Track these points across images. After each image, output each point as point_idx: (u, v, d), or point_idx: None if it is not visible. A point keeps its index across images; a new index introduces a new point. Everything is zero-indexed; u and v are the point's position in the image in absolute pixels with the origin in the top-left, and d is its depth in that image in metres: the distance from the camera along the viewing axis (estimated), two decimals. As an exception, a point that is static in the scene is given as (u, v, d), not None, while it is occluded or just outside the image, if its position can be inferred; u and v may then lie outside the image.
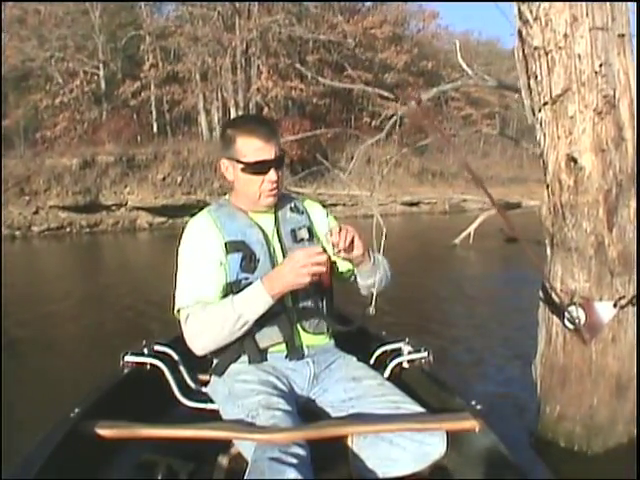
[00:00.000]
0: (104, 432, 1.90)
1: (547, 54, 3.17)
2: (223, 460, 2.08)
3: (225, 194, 2.48)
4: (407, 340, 2.55)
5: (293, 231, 2.34)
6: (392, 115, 13.03)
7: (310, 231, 2.39)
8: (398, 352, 2.53)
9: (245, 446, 1.89)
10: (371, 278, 2.32)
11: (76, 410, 2.02)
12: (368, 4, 42.76)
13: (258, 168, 2.21)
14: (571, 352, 3.26)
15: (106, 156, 28.05)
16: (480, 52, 48.66)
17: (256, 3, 33.56)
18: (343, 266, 2.41)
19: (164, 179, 29.15)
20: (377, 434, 1.95)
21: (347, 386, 2.17)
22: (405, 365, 2.47)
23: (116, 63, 34.47)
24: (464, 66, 11.43)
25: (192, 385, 2.50)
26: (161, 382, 2.41)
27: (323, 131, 17.97)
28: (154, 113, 35.12)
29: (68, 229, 25.97)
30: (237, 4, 33.20)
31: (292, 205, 2.43)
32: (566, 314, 3.17)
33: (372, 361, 2.56)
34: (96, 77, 33.42)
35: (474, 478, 1.96)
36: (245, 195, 2.30)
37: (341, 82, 21.76)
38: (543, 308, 3.46)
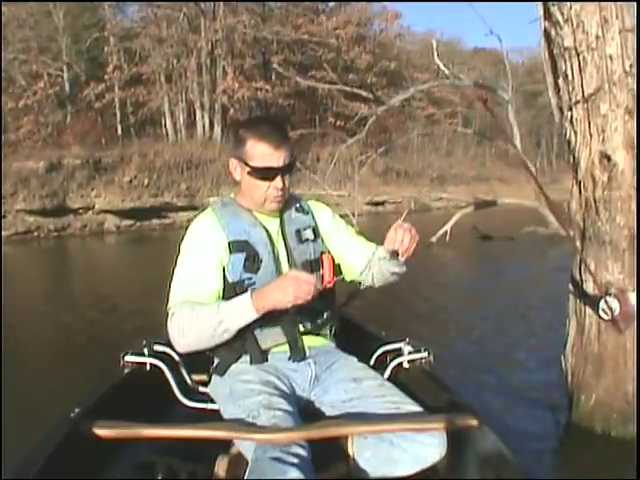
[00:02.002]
0: (104, 432, 1.90)
1: (579, 55, 3.29)
2: (223, 460, 2.05)
3: (193, 196, 2.43)
4: (407, 340, 2.55)
5: (298, 231, 2.33)
6: (364, 116, 13.01)
7: (315, 231, 2.38)
8: (398, 352, 2.53)
9: (245, 446, 1.91)
10: (398, 268, 2.34)
11: (76, 410, 2.02)
12: (332, 4, 42.86)
13: (264, 174, 2.21)
14: (606, 342, 3.39)
15: (72, 159, 27.57)
16: (442, 52, 48.90)
17: (221, 4, 33.37)
18: (349, 266, 2.44)
19: (131, 182, 28.78)
20: (378, 435, 1.95)
21: (348, 387, 2.17)
22: (405, 365, 2.48)
23: (80, 65, 33.92)
24: (441, 66, 11.61)
25: (192, 385, 2.50)
26: (161, 382, 2.40)
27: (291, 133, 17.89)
28: (118, 115, 34.69)
29: (36, 233, 25.46)
30: (202, 5, 33.00)
31: (297, 205, 2.42)
32: (600, 305, 3.27)
33: (372, 361, 2.55)
34: (60, 79, 32.80)
35: (474, 478, 1.96)
36: (250, 197, 2.29)
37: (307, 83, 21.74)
38: (574, 300, 3.58)
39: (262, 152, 2.19)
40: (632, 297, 3.26)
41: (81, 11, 33.98)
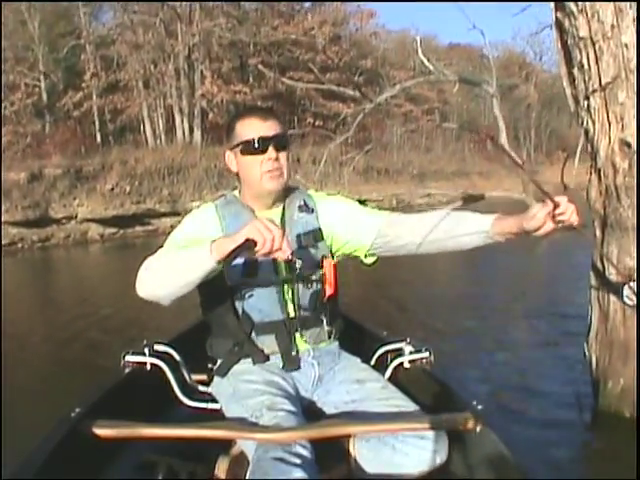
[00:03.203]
0: (104, 432, 1.89)
1: (594, 44, 3.33)
2: (224, 460, 2.05)
3: (175, 201, 2.37)
4: (408, 340, 2.55)
5: (299, 236, 2.24)
6: (347, 115, 13.01)
7: (318, 234, 2.28)
8: (399, 352, 2.52)
9: (247, 446, 1.90)
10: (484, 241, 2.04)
11: (76, 410, 2.02)
12: (307, 5, 42.91)
13: (256, 145, 2.13)
14: (631, 327, 3.43)
15: (53, 169, 27.31)
16: (418, 48, 49.06)
17: (197, 8, 33.24)
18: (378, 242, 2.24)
19: (112, 189, 28.58)
20: (379, 439, 1.94)
21: (350, 388, 2.16)
22: (406, 365, 2.47)
23: (57, 74, 33.54)
24: (425, 62, 11.58)
25: (193, 385, 2.49)
26: (162, 382, 2.39)
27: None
28: (97, 123, 34.45)
29: (20, 245, 25.22)
30: (178, 9, 32.82)
31: (301, 202, 2.31)
32: (625, 291, 3.31)
33: (373, 361, 2.55)
34: (37, 89, 32.47)
35: (474, 478, 1.97)
36: (249, 184, 2.22)
37: (283, 84, 21.70)
38: (596, 287, 3.61)
39: (251, 126, 2.15)
40: (656, 282, 3.31)
41: (56, 19, 33.66)
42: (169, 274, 1.96)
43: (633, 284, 3.30)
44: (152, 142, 34.24)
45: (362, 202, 2.43)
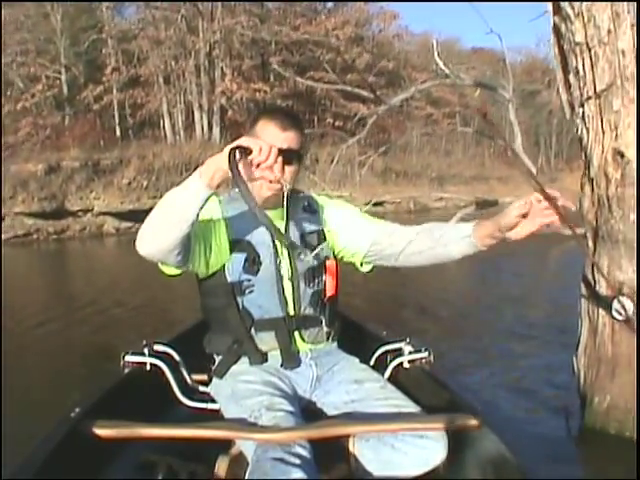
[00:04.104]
0: (104, 432, 1.88)
1: (590, 50, 3.22)
2: (223, 460, 2.03)
3: None
4: (408, 340, 2.55)
5: (303, 236, 2.24)
6: (363, 116, 13.01)
7: (321, 235, 2.28)
8: (399, 352, 2.52)
9: (246, 446, 1.88)
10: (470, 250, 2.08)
11: (76, 410, 2.01)
12: (329, 5, 42.90)
13: None
14: (620, 342, 3.32)
15: (71, 161, 27.61)
16: (440, 52, 48.82)
17: (219, 5, 33.35)
18: (374, 250, 2.25)
19: (130, 183, 28.80)
20: (379, 438, 1.94)
21: (349, 388, 2.15)
22: (406, 365, 2.47)
23: (78, 67, 33.87)
24: (441, 65, 11.49)
25: (193, 385, 2.48)
26: (161, 382, 2.38)
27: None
28: (117, 117, 34.69)
29: (35, 236, 25.44)
30: (200, 6, 32.95)
31: (305, 204, 2.31)
32: (614, 305, 3.22)
33: (373, 361, 2.54)
34: (58, 82, 32.81)
35: (474, 478, 1.96)
36: (252, 185, 2.13)
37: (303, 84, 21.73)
38: (586, 300, 3.51)
39: (268, 131, 2.11)
40: (646, 297, 3.21)
41: (79, 13, 33.99)
42: (165, 217, 1.84)
43: (623, 298, 3.20)
44: (171, 137, 34.44)
45: (379, 204, 2.43)
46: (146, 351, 2.48)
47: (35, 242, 24.82)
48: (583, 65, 3.27)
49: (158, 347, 2.54)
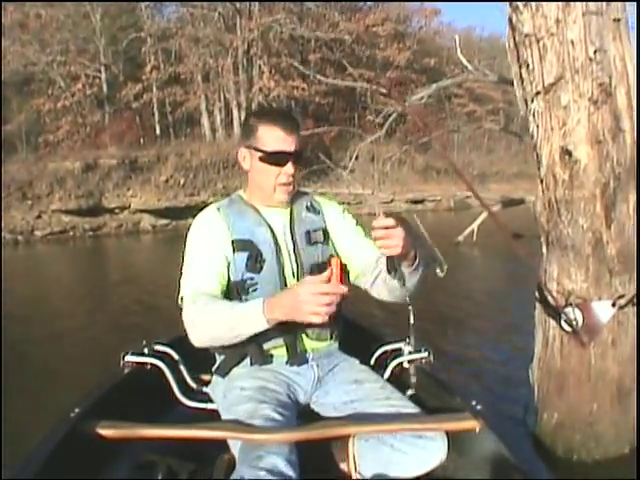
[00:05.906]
0: (104, 432, 1.90)
1: (538, 41, 3.02)
2: (223, 460, 2.05)
3: (229, 195, 2.40)
4: (408, 340, 2.48)
5: (308, 233, 2.29)
6: (391, 113, 12.88)
7: (325, 233, 2.33)
8: (399, 352, 2.49)
9: (237, 447, 1.86)
10: (403, 282, 2.07)
11: (76, 410, 2.02)
12: (369, 2, 42.64)
13: (276, 158, 2.18)
14: (569, 356, 3.10)
15: (109, 159, 27.89)
16: (483, 48, 48.36)
17: (257, 3, 33.39)
18: (357, 267, 2.32)
19: (167, 181, 28.98)
20: (378, 438, 1.95)
21: (349, 388, 2.16)
22: (405, 365, 2.43)
23: (117, 66, 34.26)
24: (464, 61, 11.27)
25: (192, 385, 2.49)
26: (161, 382, 2.39)
27: (325, 129, 17.84)
28: (156, 115, 34.98)
29: (71, 233, 25.76)
30: (238, 4, 33.02)
31: (308, 204, 2.37)
32: (563, 316, 3.02)
33: (373, 361, 2.54)
34: (98, 80, 33.23)
35: (474, 478, 1.96)
36: (259, 188, 2.25)
37: (343, 80, 21.68)
38: (539, 310, 3.30)
39: (275, 136, 2.18)
40: (597, 307, 2.97)
41: (118, 12, 34.40)
42: (221, 332, 2.02)
43: (570, 309, 2.98)
44: (210, 135, 34.60)
45: (420, 202, 2.38)
46: (146, 351, 2.51)
47: (71, 239, 25.11)
48: (532, 58, 3.04)
49: (158, 347, 2.56)
